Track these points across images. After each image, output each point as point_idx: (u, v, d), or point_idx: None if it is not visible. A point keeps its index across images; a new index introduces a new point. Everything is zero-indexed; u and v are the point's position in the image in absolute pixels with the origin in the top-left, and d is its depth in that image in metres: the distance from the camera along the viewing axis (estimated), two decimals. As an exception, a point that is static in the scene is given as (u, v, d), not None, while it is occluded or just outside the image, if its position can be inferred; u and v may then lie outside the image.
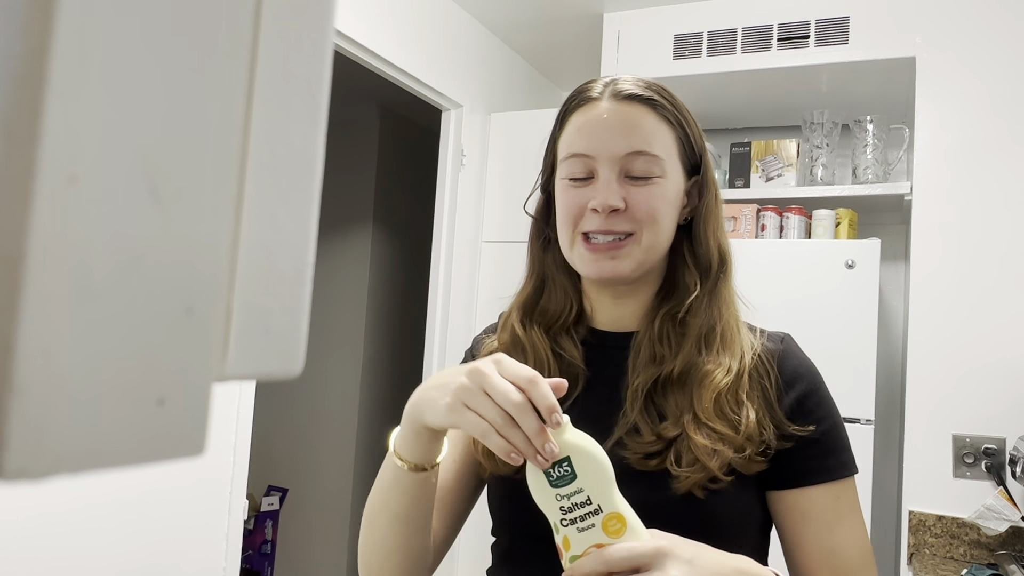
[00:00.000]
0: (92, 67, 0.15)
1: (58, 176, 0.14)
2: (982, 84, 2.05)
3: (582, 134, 0.79)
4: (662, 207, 0.78)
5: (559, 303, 0.85)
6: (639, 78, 0.83)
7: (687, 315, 0.80)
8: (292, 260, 0.20)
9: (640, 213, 0.77)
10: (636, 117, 0.78)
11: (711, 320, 0.80)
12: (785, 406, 0.78)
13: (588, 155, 0.78)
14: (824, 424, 0.78)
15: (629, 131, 0.78)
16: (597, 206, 0.76)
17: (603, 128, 0.78)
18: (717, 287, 0.83)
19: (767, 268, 2.17)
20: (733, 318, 0.82)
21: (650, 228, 0.78)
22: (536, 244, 0.89)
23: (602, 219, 0.77)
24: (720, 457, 0.72)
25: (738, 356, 0.78)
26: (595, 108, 0.80)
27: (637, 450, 0.75)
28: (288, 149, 0.20)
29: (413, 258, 3.68)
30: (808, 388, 0.79)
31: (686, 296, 0.81)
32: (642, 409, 0.77)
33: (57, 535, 1.43)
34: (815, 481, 0.76)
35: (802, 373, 0.80)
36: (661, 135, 0.79)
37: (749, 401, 0.76)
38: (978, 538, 1.92)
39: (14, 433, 0.14)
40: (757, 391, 0.77)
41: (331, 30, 0.21)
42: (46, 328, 0.14)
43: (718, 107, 2.68)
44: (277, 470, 3.50)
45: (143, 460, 0.17)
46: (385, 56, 2.18)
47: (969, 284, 2.00)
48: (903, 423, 2.06)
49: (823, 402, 0.80)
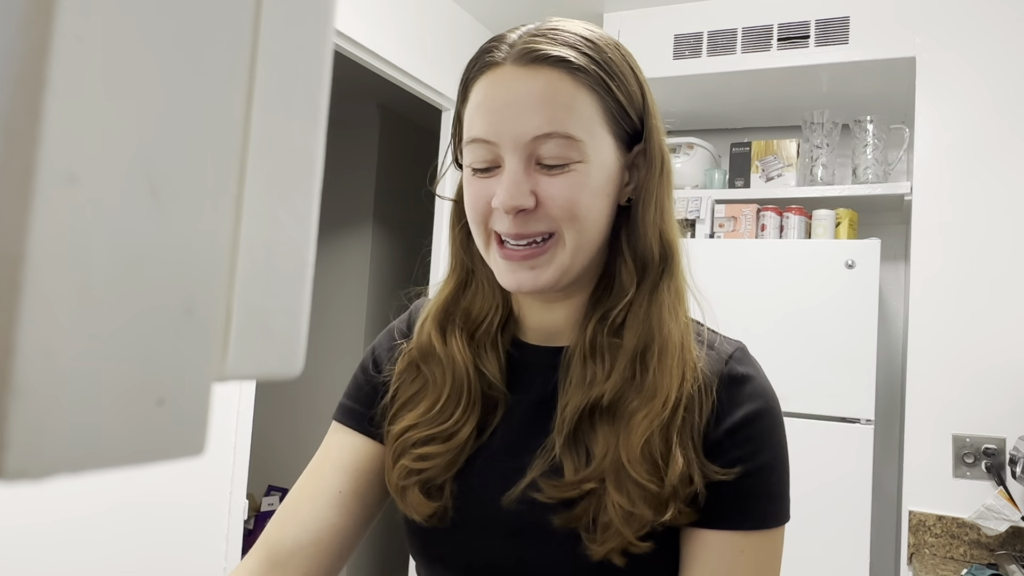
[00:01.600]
0: (92, 67, 0.15)
1: (58, 176, 0.14)
2: (982, 84, 2.05)
3: (481, 112, 0.63)
4: (583, 199, 0.62)
5: (484, 304, 0.72)
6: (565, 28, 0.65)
7: (622, 324, 0.66)
8: (292, 260, 0.20)
9: (555, 210, 0.62)
10: (546, 87, 0.61)
11: (649, 332, 0.65)
12: (718, 434, 0.64)
13: (489, 140, 0.63)
14: (751, 463, 0.64)
15: (536, 107, 0.61)
16: (499, 205, 0.62)
17: (504, 105, 0.62)
18: (658, 288, 0.66)
19: (767, 268, 2.17)
20: (677, 329, 0.66)
21: (571, 226, 0.63)
22: (457, 231, 0.73)
23: (510, 220, 0.62)
24: (637, 522, 0.60)
25: (677, 381, 0.63)
26: (497, 76, 0.63)
27: (553, 495, 0.63)
28: (288, 149, 0.20)
29: (413, 258, 3.68)
30: (745, 418, 0.65)
31: (621, 298, 0.66)
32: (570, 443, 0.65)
33: (57, 535, 1.43)
34: (716, 526, 0.63)
35: (748, 396, 0.66)
36: (581, 107, 0.62)
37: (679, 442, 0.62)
38: (978, 538, 1.92)
39: (14, 433, 0.14)
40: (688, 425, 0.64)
41: (331, 30, 0.21)
42: (46, 328, 0.14)
43: (718, 107, 2.68)
44: (277, 470, 3.50)
45: (143, 460, 0.17)
46: (385, 56, 2.18)
47: (969, 284, 2.00)
48: (903, 423, 2.06)
49: (758, 437, 0.65)
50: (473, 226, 0.67)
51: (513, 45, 0.64)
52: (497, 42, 0.65)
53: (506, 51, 0.64)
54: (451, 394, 0.69)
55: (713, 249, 2.26)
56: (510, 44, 0.64)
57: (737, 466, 0.63)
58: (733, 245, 2.25)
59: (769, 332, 2.13)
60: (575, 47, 0.63)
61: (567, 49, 0.63)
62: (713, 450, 0.64)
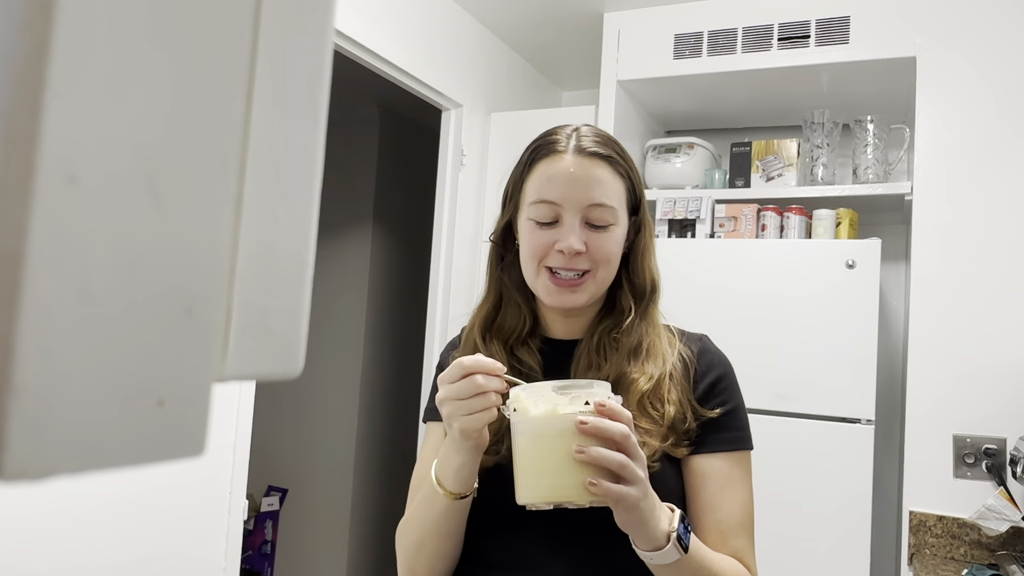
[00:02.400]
0: (92, 67, 0.15)
1: (58, 176, 0.14)
2: (983, 83, 2.05)
3: (552, 184, 0.92)
4: (615, 249, 0.94)
5: (515, 319, 1.00)
6: (597, 132, 0.96)
7: (622, 333, 0.96)
8: (292, 260, 0.20)
9: (598, 255, 0.92)
10: (597, 172, 0.92)
11: (640, 337, 0.96)
12: (700, 391, 0.95)
13: (556, 203, 0.92)
14: (728, 405, 0.95)
15: (592, 185, 0.92)
16: (564, 248, 0.90)
17: (570, 180, 0.92)
18: (648, 310, 0.98)
19: (767, 268, 2.17)
20: (657, 334, 0.97)
21: (604, 267, 0.94)
22: (495, 266, 1.03)
23: (566, 259, 0.91)
24: (648, 448, 0.87)
25: (659, 364, 0.94)
26: (562, 160, 0.93)
27: None
28: (288, 148, 0.20)
29: (413, 258, 3.68)
30: (719, 375, 0.97)
31: (622, 317, 0.97)
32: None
33: (57, 535, 1.43)
34: (714, 450, 0.93)
35: (715, 364, 0.98)
36: (615, 187, 0.94)
37: (669, 398, 0.92)
38: (979, 538, 1.92)
39: (14, 433, 0.14)
40: (678, 387, 0.94)
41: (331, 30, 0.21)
42: (46, 328, 0.14)
43: (718, 107, 2.68)
44: (277, 470, 3.50)
45: (143, 460, 0.17)
46: (385, 56, 2.18)
47: (970, 284, 2.00)
48: (903, 423, 2.06)
49: (730, 387, 0.97)
50: (529, 261, 0.95)
51: (569, 138, 0.94)
52: (556, 135, 0.96)
53: (565, 143, 0.94)
54: None
55: (713, 249, 2.26)
56: (567, 137, 0.95)
57: (720, 408, 0.94)
58: (733, 245, 2.25)
59: (769, 332, 2.13)
60: (610, 146, 0.95)
61: (608, 148, 0.94)
62: (703, 398, 0.95)
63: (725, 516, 0.91)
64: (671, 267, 2.28)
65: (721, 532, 0.91)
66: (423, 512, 0.90)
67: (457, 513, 0.88)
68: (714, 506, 0.92)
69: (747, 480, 0.95)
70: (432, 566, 0.92)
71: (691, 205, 2.40)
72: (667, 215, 2.42)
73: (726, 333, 2.22)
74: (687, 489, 0.94)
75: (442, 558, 0.92)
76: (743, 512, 0.93)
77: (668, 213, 2.42)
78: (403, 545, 0.94)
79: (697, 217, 2.39)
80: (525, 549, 0.90)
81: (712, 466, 0.93)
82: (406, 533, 0.93)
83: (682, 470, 0.94)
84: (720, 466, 0.93)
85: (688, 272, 2.24)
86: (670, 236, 2.43)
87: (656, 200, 2.48)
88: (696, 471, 0.93)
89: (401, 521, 0.96)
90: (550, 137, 0.96)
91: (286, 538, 3.46)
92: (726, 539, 0.91)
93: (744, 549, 0.92)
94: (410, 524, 0.93)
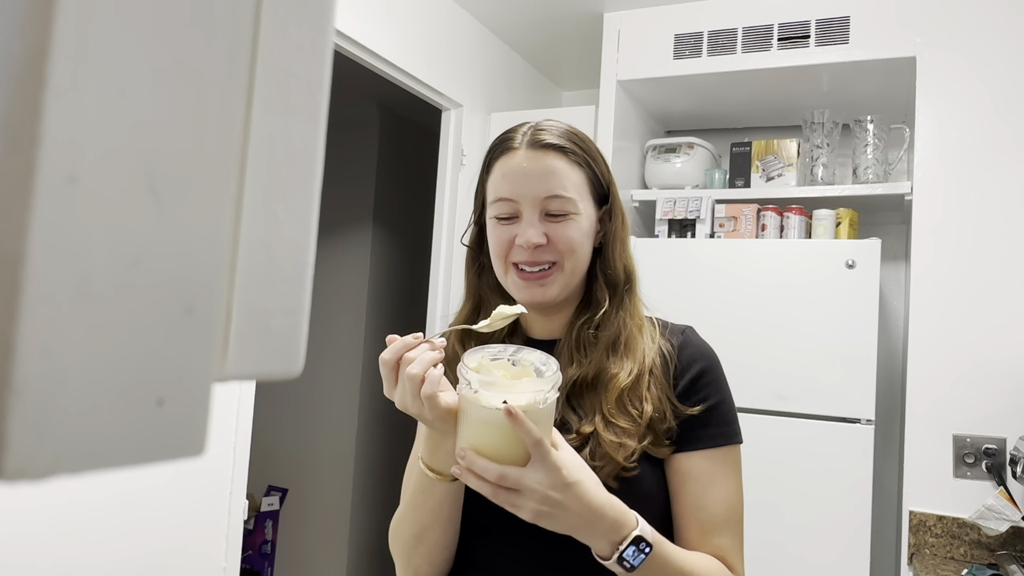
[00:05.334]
0: (92, 67, 0.15)
1: (58, 176, 0.14)
2: (983, 84, 2.05)
3: (506, 180, 0.93)
4: (578, 238, 0.92)
5: None
6: (556, 124, 0.96)
7: (599, 326, 0.94)
8: (292, 260, 0.20)
9: (561, 246, 0.91)
10: (551, 164, 0.92)
11: (618, 329, 0.94)
12: (681, 386, 0.92)
13: (512, 199, 0.92)
14: (712, 399, 0.92)
15: (546, 177, 0.91)
16: (522, 243, 0.90)
17: (523, 175, 0.92)
18: (624, 300, 0.97)
19: (767, 268, 2.17)
20: (636, 325, 0.95)
21: (570, 257, 0.92)
22: (471, 270, 1.02)
23: (528, 253, 0.91)
24: (625, 449, 0.86)
25: (639, 358, 0.92)
26: (515, 156, 0.93)
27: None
28: (288, 148, 0.20)
29: (413, 258, 3.68)
30: (702, 369, 0.94)
31: (599, 309, 0.95)
32: (565, 405, 0.91)
33: (57, 535, 1.43)
34: (697, 447, 0.90)
35: (698, 357, 0.95)
36: (573, 177, 0.93)
37: (648, 395, 0.90)
38: (979, 538, 1.92)
39: (14, 433, 0.14)
40: (658, 382, 0.91)
41: (331, 30, 0.21)
42: (46, 328, 0.14)
43: (718, 107, 2.68)
44: (277, 470, 3.50)
45: (143, 460, 0.17)
46: (385, 56, 2.18)
47: (970, 284, 2.00)
48: (903, 423, 2.06)
49: (714, 381, 0.94)
50: (496, 259, 0.94)
51: (524, 135, 0.94)
52: (512, 133, 0.95)
53: (519, 140, 0.93)
54: None
55: (713, 249, 2.26)
56: (521, 135, 0.94)
57: (702, 403, 0.91)
58: (733, 245, 2.25)
59: (769, 332, 2.13)
60: (566, 137, 0.94)
61: (563, 139, 0.94)
62: (685, 394, 0.92)
63: (708, 516, 0.89)
64: (671, 267, 2.29)
65: (703, 532, 0.88)
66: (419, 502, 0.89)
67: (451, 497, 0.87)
68: (697, 506, 0.89)
69: (733, 476, 0.91)
70: (432, 558, 0.91)
71: (691, 205, 2.40)
72: (667, 215, 2.42)
73: (726, 333, 2.23)
74: (670, 489, 0.91)
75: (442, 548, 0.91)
76: (728, 510, 0.90)
77: (668, 213, 2.42)
78: (400, 541, 0.93)
79: (697, 217, 2.39)
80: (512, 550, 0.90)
81: (694, 464, 0.90)
82: (401, 529, 0.93)
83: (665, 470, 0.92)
84: (702, 464, 0.90)
85: (688, 272, 2.24)
86: (670, 236, 2.43)
87: (656, 200, 2.48)
88: (678, 470, 0.90)
89: (393, 519, 0.95)
90: (506, 135, 0.96)
91: (286, 538, 3.46)
92: (708, 538, 0.88)
93: (727, 548, 0.89)
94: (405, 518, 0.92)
